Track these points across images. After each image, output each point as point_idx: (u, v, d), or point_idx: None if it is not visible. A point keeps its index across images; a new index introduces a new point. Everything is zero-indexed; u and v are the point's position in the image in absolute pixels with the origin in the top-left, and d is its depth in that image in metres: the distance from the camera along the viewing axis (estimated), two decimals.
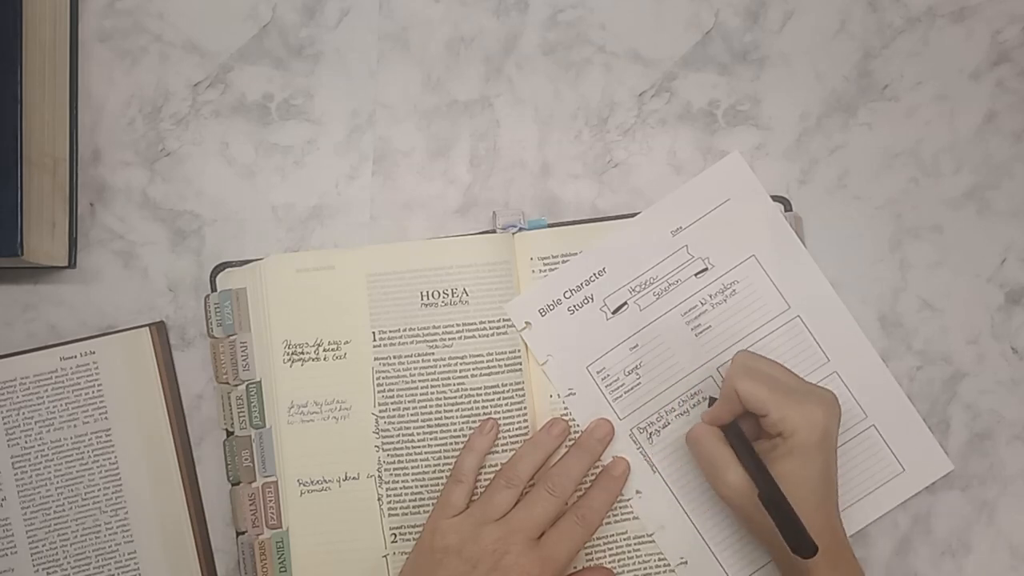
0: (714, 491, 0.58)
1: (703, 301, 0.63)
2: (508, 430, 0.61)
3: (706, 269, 0.63)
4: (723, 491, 0.56)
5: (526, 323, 0.62)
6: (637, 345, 0.62)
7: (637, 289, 0.63)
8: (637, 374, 0.62)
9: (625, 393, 0.62)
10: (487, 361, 0.62)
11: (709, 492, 0.60)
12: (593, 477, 0.61)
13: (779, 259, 0.63)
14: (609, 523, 0.62)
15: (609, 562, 0.62)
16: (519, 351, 0.62)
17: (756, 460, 0.55)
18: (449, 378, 0.62)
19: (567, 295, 0.63)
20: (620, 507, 0.62)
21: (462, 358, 0.62)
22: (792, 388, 0.57)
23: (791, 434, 0.55)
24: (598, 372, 0.62)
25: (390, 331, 0.62)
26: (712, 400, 0.60)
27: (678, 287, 0.63)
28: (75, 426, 0.62)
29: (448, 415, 0.62)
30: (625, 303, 0.63)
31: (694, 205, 0.63)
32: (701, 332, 0.62)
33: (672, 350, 0.62)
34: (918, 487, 0.62)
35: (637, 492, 0.62)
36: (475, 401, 0.62)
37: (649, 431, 0.62)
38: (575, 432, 0.62)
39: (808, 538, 0.52)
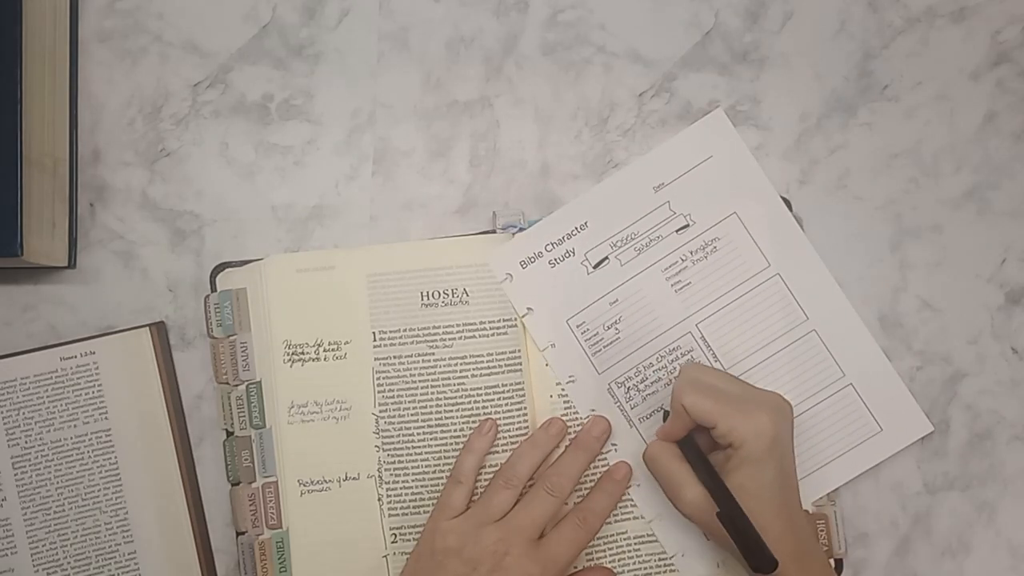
0: (675, 508, 0.57)
1: (684, 257, 0.63)
2: (508, 430, 0.61)
3: (687, 225, 0.63)
4: (683, 508, 0.56)
5: (507, 275, 0.62)
6: (617, 300, 0.62)
7: (618, 244, 0.63)
8: (617, 329, 0.62)
9: (604, 347, 0.62)
10: (487, 361, 0.62)
11: None
12: (593, 475, 0.62)
13: (761, 217, 0.62)
14: (609, 523, 0.61)
15: (609, 562, 0.62)
16: (519, 351, 0.62)
17: (712, 475, 0.55)
18: (449, 378, 0.62)
19: (548, 248, 0.63)
20: (620, 506, 0.62)
21: (462, 358, 0.62)
22: (738, 397, 0.56)
23: (740, 444, 0.55)
24: (578, 326, 0.62)
25: (390, 331, 0.62)
26: (667, 414, 0.60)
27: (659, 243, 0.63)
28: (75, 426, 0.62)
29: (448, 415, 0.62)
30: (606, 258, 0.63)
31: (677, 161, 0.63)
32: (681, 288, 0.62)
33: (652, 305, 0.62)
34: (896, 447, 0.62)
35: (637, 485, 0.62)
36: (475, 401, 0.62)
37: (627, 386, 0.62)
38: (575, 431, 0.62)
39: (767, 554, 0.52)
